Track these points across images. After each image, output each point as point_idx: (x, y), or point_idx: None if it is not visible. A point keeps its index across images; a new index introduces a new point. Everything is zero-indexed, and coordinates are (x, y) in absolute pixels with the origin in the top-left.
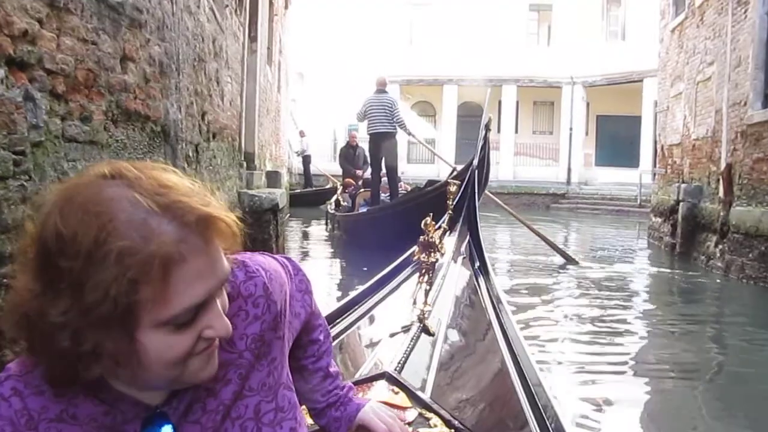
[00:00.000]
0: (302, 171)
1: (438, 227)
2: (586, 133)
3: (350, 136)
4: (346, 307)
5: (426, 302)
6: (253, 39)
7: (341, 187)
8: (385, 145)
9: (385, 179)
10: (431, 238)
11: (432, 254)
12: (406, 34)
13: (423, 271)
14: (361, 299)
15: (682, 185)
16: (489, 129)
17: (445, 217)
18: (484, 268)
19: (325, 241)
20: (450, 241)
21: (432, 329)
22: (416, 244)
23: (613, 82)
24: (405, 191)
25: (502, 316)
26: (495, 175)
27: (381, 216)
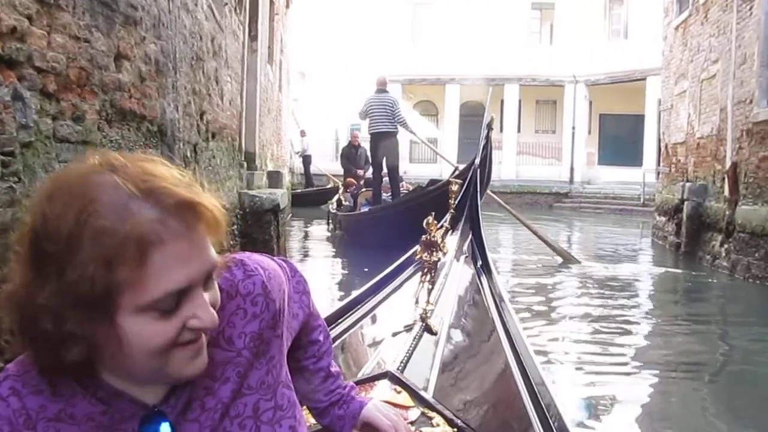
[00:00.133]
0: (303, 171)
1: (440, 226)
2: (589, 132)
3: (352, 135)
4: (348, 307)
5: (428, 301)
6: (254, 38)
7: (343, 186)
8: (386, 145)
9: (386, 179)
10: (433, 237)
11: (434, 253)
12: (408, 33)
13: (425, 270)
14: (363, 298)
15: (686, 184)
16: (491, 128)
17: (447, 216)
18: (486, 267)
19: (327, 240)
20: (452, 240)
21: (434, 328)
22: (418, 243)
23: (615, 81)
24: (407, 191)
25: (504, 315)
26: (498, 174)
27: (383, 215)
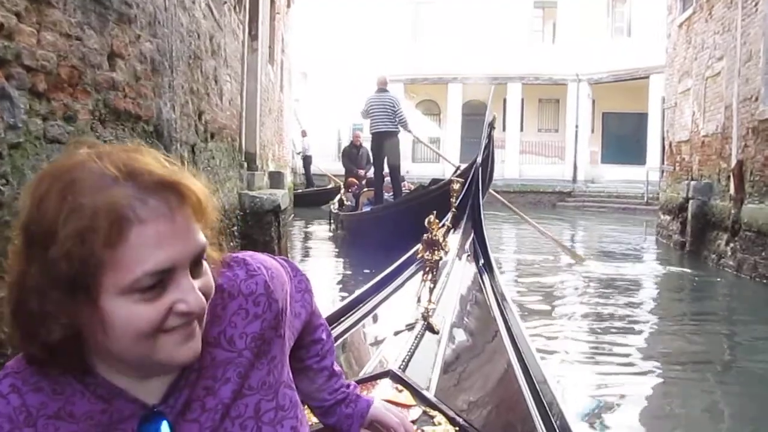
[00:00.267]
0: (308, 171)
1: (442, 225)
2: (592, 131)
3: (354, 135)
4: (350, 306)
5: (430, 300)
6: (254, 37)
7: (344, 186)
8: (387, 144)
9: (388, 179)
10: (435, 235)
11: (436, 252)
12: (410, 33)
13: (427, 268)
14: (365, 297)
15: (691, 182)
16: (493, 127)
17: (449, 215)
18: (488, 266)
19: (329, 240)
20: (454, 239)
21: (436, 327)
22: (420, 242)
23: (619, 79)
24: (408, 191)
25: (506, 314)
26: (500, 173)
27: (384, 215)
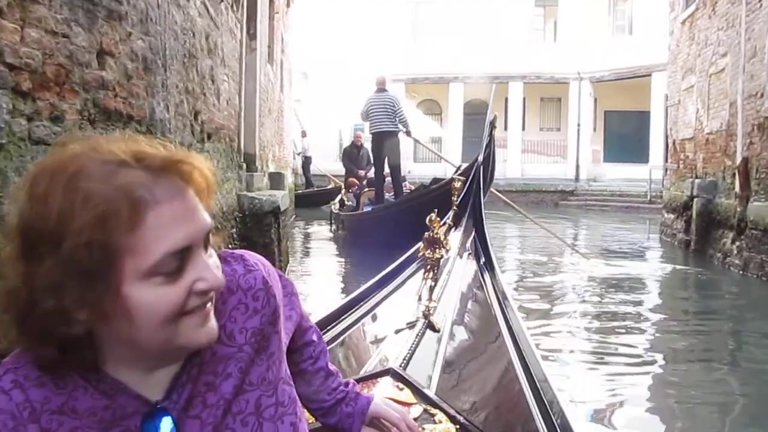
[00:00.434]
0: (307, 171)
1: (443, 223)
2: (594, 129)
3: (355, 136)
4: (350, 304)
5: (431, 298)
6: (252, 36)
7: (345, 187)
8: (387, 144)
9: (389, 179)
10: (436, 234)
11: (437, 250)
12: (410, 32)
13: (428, 267)
14: (366, 296)
15: (695, 180)
16: (494, 126)
17: (450, 214)
18: (489, 264)
19: (330, 241)
20: (455, 237)
21: (437, 325)
22: (421, 241)
23: (620, 77)
24: (409, 191)
25: (507, 312)
26: (503, 172)
27: (385, 215)
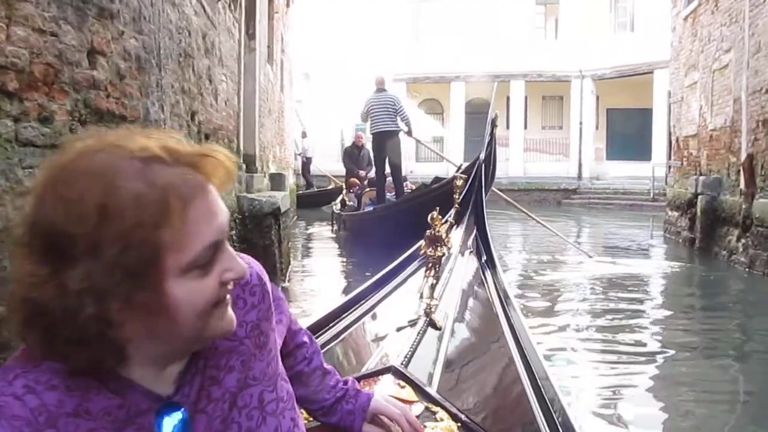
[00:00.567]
0: (307, 172)
1: (444, 221)
2: (597, 127)
3: (356, 136)
4: (352, 302)
5: (432, 296)
6: (251, 36)
7: (346, 187)
8: (388, 144)
9: (390, 178)
10: (437, 232)
11: (438, 248)
12: (411, 31)
13: (429, 265)
14: (367, 294)
15: (700, 177)
16: (496, 125)
17: (452, 212)
18: (491, 262)
19: (332, 241)
20: (457, 235)
21: (439, 323)
22: (423, 239)
23: (622, 75)
24: (410, 190)
25: (509, 310)
26: (505, 171)
27: (387, 214)
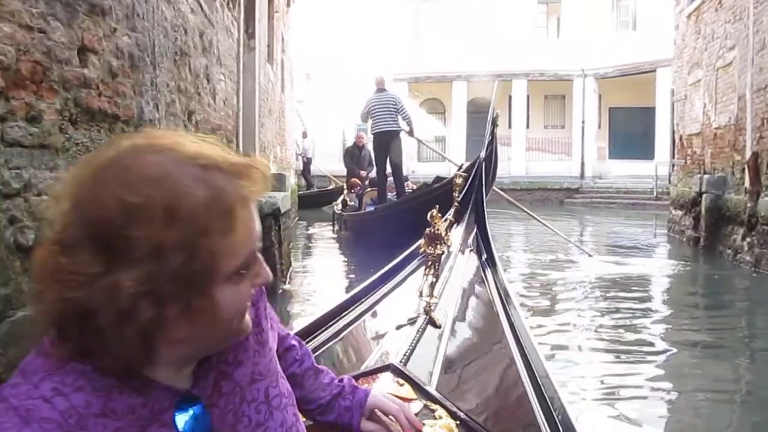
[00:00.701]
0: (307, 173)
1: (444, 219)
2: (599, 126)
3: (357, 136)
4: (351, 301)
5: (432, 294)
6: (251, 35)
7: (347, 187)
8: (390, 144)
9: (391, 178)
10: (437, 229)
11: (438, 246)
12: (412, 31)
13: (429, 263)
14: (367, 292)
15: (704, 176)
16: (496, 124)
17: (452, 210)
18: (491, 260)
19: (333, 241)
20: (457, 234)
21: (438, 321)
22: (423, 237)
23: (625, 74)
24: (411, 190)
25: (509, 308)
26: (507, 171)
27: (388, 214)
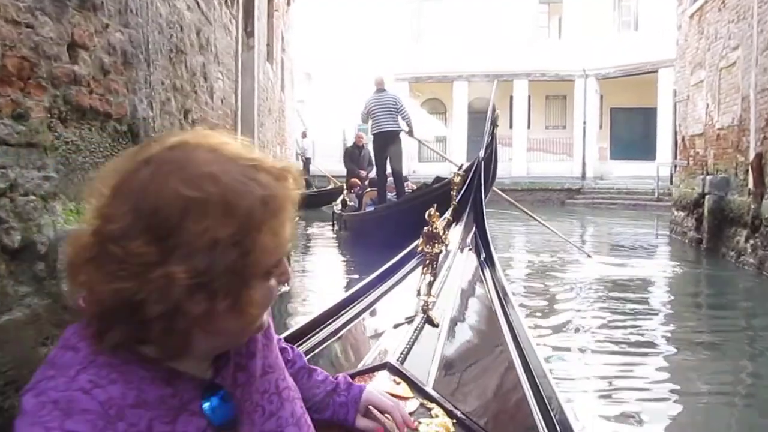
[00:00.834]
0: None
1: (442, 218)
2: (600, 127)
3: (357, 136)
4: (349, 300)
5: (430, 293)
6: (250, 34)
7: (347, 187)
8: (390, 144)
9: (391, 178)
10: (435, 228)
11: (436, 245)
12: (413, 31)
13: (427, 262)
14: (365, 291)
15: (707, 177)
16: (496, 124)
17: (450, 209)
18: (490, 260)
19: (333, 241)
20: (455, 233)
21: (436, 320)
22: (421, 236)
23: (626, 74)
24: (411, 190)
25: (507, 308)
26: (508, 171)
27: (388, 214)
